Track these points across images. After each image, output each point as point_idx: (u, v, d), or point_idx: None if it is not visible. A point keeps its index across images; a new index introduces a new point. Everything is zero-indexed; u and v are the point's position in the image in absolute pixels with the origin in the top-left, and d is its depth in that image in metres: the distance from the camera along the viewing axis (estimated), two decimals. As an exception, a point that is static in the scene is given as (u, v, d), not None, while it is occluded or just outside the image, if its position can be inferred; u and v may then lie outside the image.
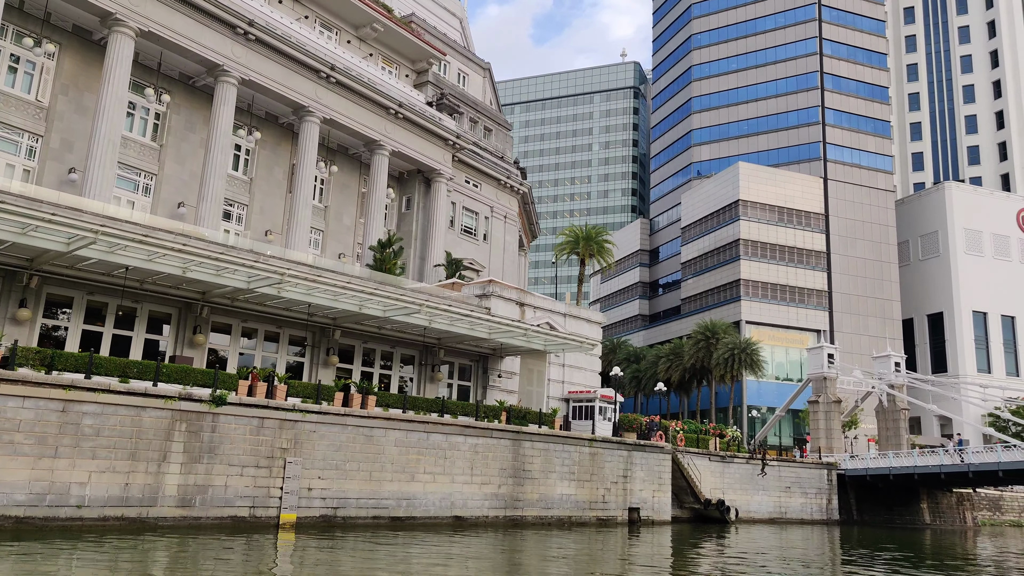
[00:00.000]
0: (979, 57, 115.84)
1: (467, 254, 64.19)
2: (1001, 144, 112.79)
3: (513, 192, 70.64)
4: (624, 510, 41.42)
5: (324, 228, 54.86)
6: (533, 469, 37.19)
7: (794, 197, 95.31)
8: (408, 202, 61.23)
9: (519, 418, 39.87)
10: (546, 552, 27.72)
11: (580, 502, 39.16)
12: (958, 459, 50.69)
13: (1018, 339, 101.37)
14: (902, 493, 60.49)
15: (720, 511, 47.53)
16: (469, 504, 34.05)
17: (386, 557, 22.95)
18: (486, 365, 45.58)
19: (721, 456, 51.56)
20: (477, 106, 70.77)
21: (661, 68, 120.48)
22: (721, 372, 76.65)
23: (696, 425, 58.47)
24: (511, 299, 47.07)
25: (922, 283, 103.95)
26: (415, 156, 57.10)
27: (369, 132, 53.08)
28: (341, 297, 32.97)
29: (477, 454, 34.77)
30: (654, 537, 36.60)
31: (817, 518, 55.90)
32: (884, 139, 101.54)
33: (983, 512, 75.65)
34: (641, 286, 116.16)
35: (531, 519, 36.46)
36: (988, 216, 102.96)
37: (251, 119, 49.00)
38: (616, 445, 41.76)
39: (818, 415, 63.15)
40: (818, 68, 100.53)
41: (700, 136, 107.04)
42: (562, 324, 50.23)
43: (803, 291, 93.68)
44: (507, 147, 74.71)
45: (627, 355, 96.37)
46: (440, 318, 36.63)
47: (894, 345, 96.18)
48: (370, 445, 30.83)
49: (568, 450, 39.13)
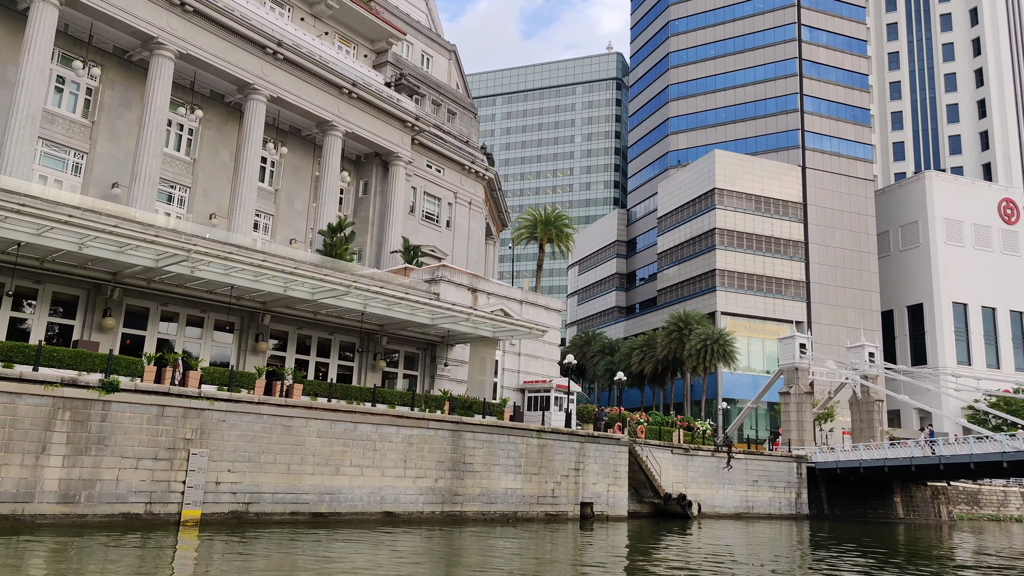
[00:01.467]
0: (961, 45, 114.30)
1: (428, 241, 61.99)
2: (983, 133, 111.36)
3: (478, 178, 68.40)
4: (576, 505, 39.38)
5: (274, 212, 52.56)
6: (475, 462, 35.08)
7: (771, 186, 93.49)
8: (365, 186, 58.96)
9: (465, 408, 37.78)
10: (487, 550, 25.65)
11: (527, 497, 37.09)
12: (929, 451, 48.93)
13: (999, 331, 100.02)
14: (875, 487, 58.80)
15: (681, 506, 45.58)
16: (402, 499, 31.91)
17: (306, 556, 20.86)
18: (434, 354, 43.44)
19: (684, 449, 49.62)
20: (440, 88, 68.48)
21: (639, 55, 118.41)
22: (693, 363, 74.76)
23: (662, 417, 56.49)
24: (462, 284, 44.96)
25: (902, 274, 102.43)
26: (371, 138, 54.87)
27: (321, 112, 50.78)
28: (263, 278, 30.73)
29: (411, 446, 32.62)
30: (608, 534, 34.58)
31: (786, 513, 54.08)
32: (864, 127, 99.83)
33: (960, 506, 74.13)
34: (618, 277, 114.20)
35: (472, 515, 34.36)
36: (969, 206, 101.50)
37: (193, 97, 46.63)
38: (567, 437, 39.71)
39: (789, 407, 61.33)
40: (797, 55, 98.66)
41: (677, 124, 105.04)
42: (518, 311, 48.16)
43: (780, 281, 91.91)
44: (473, 131, 72.46)
45: (601, 347, 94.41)
46: (376, 302, 34.45)
47: (873, 337, 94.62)
48: (289, 436, 28.62)
49: (515, 442, 37.04)
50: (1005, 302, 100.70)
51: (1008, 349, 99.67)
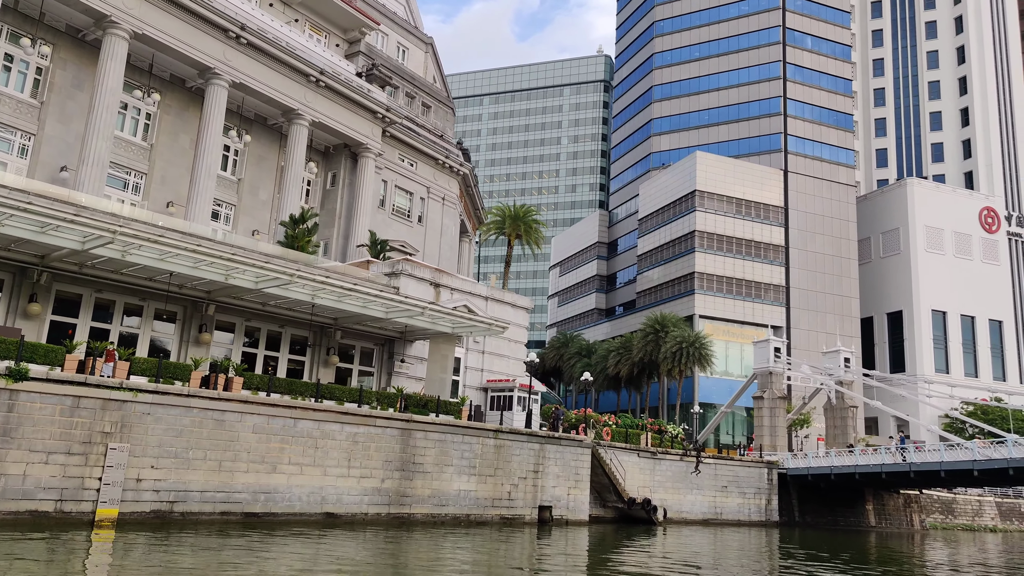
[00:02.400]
0: (945, 53, 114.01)
1: (399, 236, 60.58)
2: (965, 141, 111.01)
3: (453, 173, 67.05)
4: (533, 508, 38.02)
5: (237, 202, 51.02)
6: (426, 462, 33.65)
7: (753, 189, 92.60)
8: (333, 178, 57.53)
9: (419, 407, 36.36)
10: (435, 556, 24.24)
11: (481, 499, 35.69)
12: (900, 458, 47.89)
13: (977, 340, 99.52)
14: (846, 494, 57.77)
15: (646, 511, 44.30)
16: (344, 499, 30.44)
17: (231, 559, 19.43)
18: (392, 350, 42.01)
19: (652, 452, 48.36)
20: (415, 80, 67.11)
21: (624, 56, 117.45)
22: (669, 366, 73.61)
23: (632, 420, 55.26)
24: (424, 279, 43.57)
25: (882, 281, 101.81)
26: (339, 129, 53.47)
27: (286, 100, 49.32)
28: (202, 264, 29.21)
29: (357, 444, 31.16)
30: (566, 539, 33.26)
31: (755, 519, 52.92)
32: (846, 132, 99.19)
33: (935, 515, 73.28)
34: (598, 279, 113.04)
35: (421, 517, 32.93)
36: (950, 214, 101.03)
37: (151, 80, 45.06)
38: (526, 437, 38.35)
39: (763, 411, 60.22)
40: (781, 58, 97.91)
41: (660, 126, 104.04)
42: (483, 308, 46.80)
43: (760, 286, 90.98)
44: (448, 125, 71.12)
45: (579, 349, 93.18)
46: (325, 293, 32.98)
47: (852, 343, 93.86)
48: (221, 431, 27.11)
49: (469, 442, 35.64)
50: (984, 311, 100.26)
51: (986, 358, 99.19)
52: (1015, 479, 45.90)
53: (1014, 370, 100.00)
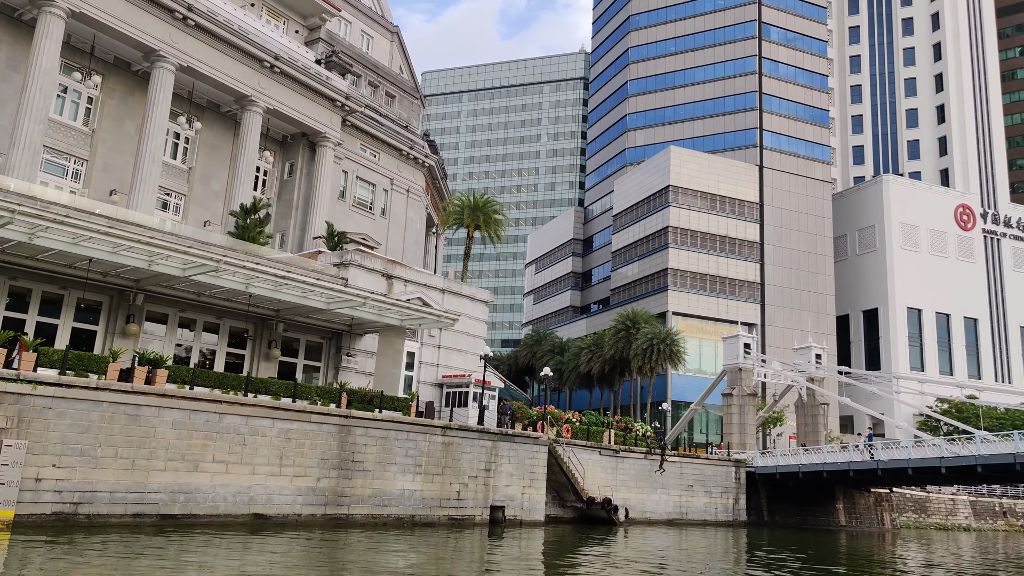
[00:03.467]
0: (922, 50, 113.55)
1: (360, 229, 58.79)
2: (941, 139, 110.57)
3: (418, 164, 65.32)
4: (485, 508, 36.40)
5: (187, 192, 49.15)
6: (366, 460, 31.95)
7: (728, 185, 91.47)
8: (291, 168, 55.73)
9: (364, 402, 34.68)
10: (370, 559, 22.56)
11: (428, 499, 34.03)
12: (868, 456, 46.71)
13: (952, 337, 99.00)
14: (816, 493, 56.59)
15: (607, 511, 42.80)
16: (275, 500, 28.69)
17: (145, 566, 17.69)
18: (339, 344, 40.24)
19: (614, 450, 46.87)
20: (379, 69, 65.36)
21: (600, 51, 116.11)
22: (639, 363, 72.23)
23: (597, 417, 53.77)
24: (375, 270, 41.87)
25: (859, 278, 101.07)
26: (296, 116, 51.72)
27: (238, 86, 47.49)
28: (121, 249, 27.36)
29: (289, 441, 29.42)
30: (519, 541, 31.70)
31: (722, 519, 51.58)
32: (822, 128, 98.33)
33: (908, 514, 72.36)
34: (573, 276, 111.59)
35: (360, 518, 31.22)
36: (926, 211, 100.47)
37: (91, 62, 43.16)
38: (478, 434, 36.73)
39: (732, 409, 58.94)
40: (756, 53, 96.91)
41: (635, 121, 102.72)
42: (439, 301, 45.14)
43: (734, 282, 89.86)
44: (414, 116, 69.38)
45: (552, 346, 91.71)
46: (260, 282, 31.19)
47: (827, 341, 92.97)
48: (135, 427, 25.30)
49: (415, 439, 33.98)
50: (959, 308, 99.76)
51: (961, 356, 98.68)
52: (983, 476, 44.87)
53: (989, 368, 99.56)
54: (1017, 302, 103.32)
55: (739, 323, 70.15)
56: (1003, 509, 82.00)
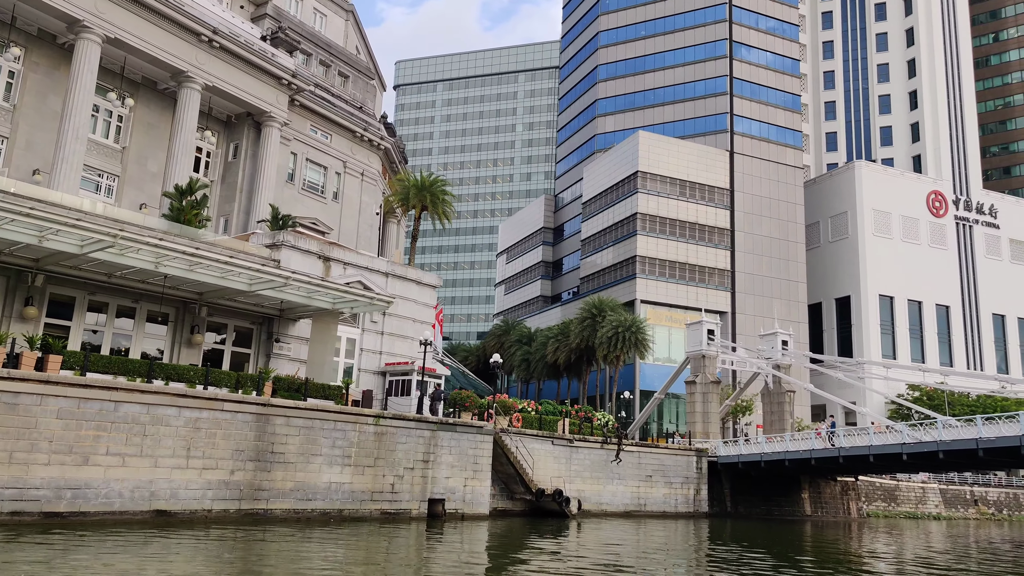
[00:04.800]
0: (894, 35, 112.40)
1: (310, 213, 56.51)
2: (914, 125, 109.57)
3: (373, 147, 63.03)
4: (422, 502, 34.37)
5: (121, 173, 46.70)
6: (288, 451, 29.79)
7: (698, 170, 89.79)
8: (236, 150, 53.30)
9: (293, 391, 32.54)
10: (282, 560, 20.42)
11: (358, 492, 31.94)
12: (829, 443, 45.16)
13: (924, 325, 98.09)
14: (782, 482, 55.10)
15: (558, 503, 40.91)
16: (181, 495, 26.49)
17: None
18: (271, 329, 38.00)
19: (568, 440, 44.98)
20: (331, 48, 62.96)
21: (571, 35, 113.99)
22: (604, 351, 70.41)
23: (554, 406, 51.87)
24: (311, 251, 39.67)
25: (831, 266, 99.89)
26: (239, 95, 49.36)
27: (173, 61, 45.03)
28: (5, 224, 24.99)
29: (198, 431, 27.20)
30: (460, 536, 29.73)
31: (683, 511, 49.88)
32: (794, 113, 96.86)
33: (877, 503, 71.20)
34: (544, 266, 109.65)
35: (280, 513, 29.09)
36: (898, 198, 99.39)
37: (11, 33, 40.62)
38: (415, 424, 34.66)
39: (695, 397, 57.27)
40: (727, 36, 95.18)
41: (605, 107, 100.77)
42: (382, 285, 43.02)
43: (704, 270, 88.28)
44: (369, 97, 67.03)
45: (520, 337, 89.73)
46: (172, 261, 28.90)
47: (799, 329, 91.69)
48: (12, 416, 23.01)
49: (344, 429, 31.86)
50: (931, 296, 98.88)
51: (933, 343, 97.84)
52: (946, 463, 43.47)
53: (961, 355, 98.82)
54: (989, 289, 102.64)
55: (703, 311, 68.40)
56: (974, 497, 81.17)
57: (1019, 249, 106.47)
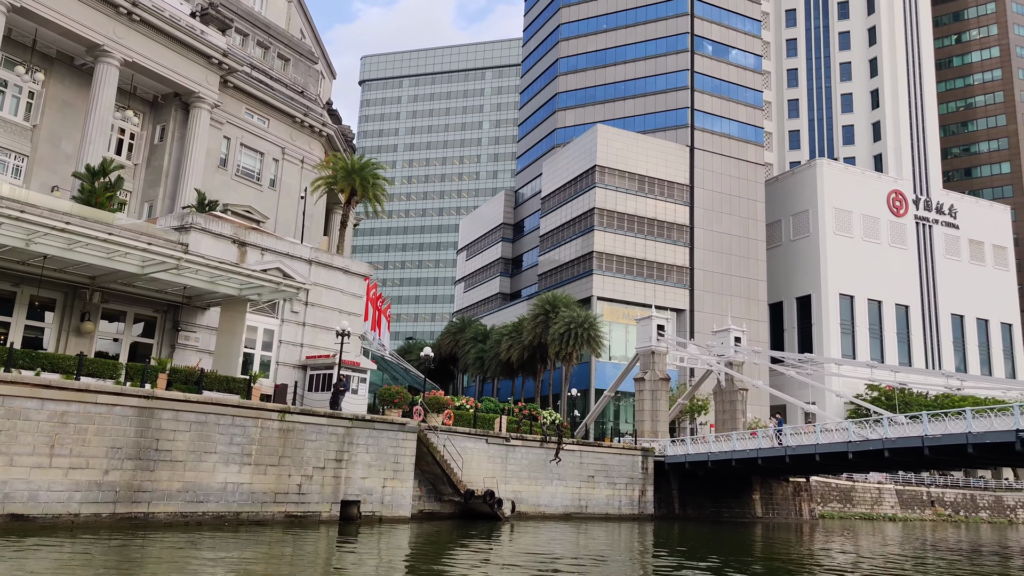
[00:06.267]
0: (857, 34, 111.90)
1: (244, 200, 53.76)
2: (875, 124, 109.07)
3: (315, 133, 60.41)
4: (334, 504, 31.89)
5: (31, 153, 43.70)
6: (176, 449, 27.16)
7: (657, 165, 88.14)
8: (162, 132, 50.39)
9: (192, 383, 29.89)
10: (168, 571, 17.84)
11: (259, 493, 29.38)
12: (777, 442, 43.40)
13: (884, 324, 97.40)
14: (732, 483, 53.33)
15: (489, 505, 38.62)
16: (42, 497, 23.77)
17: None
18: (177, 318, 35.28)
19: (505, 439, 42.72)
20: (270, 29, 60.21)
21: (532, 28, 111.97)
22: (557, 348, 68.30)
23: (495, 403, 49.62)
24: (224, 235, 37.01)
25: (792, 264, 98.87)
26: (164, 73, 46.50)
27: (88, 33, 42.12)
28: None
29: (66, 426, 24.50)
30: (375, 541, 27.37)
31: (627, 513, 47.82)
32: (755, 109, 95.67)
33: (833, 503, 69.91)
34: (503, 262, 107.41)
35: (165, 517, 26.45)
36: (859, 196, 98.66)
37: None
38: (326, 420, 32.17)
39: (644, 395, 55.34)
40: (689, 30, 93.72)
41: (566, 100, 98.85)
42: (305, 272, 40.48)
43: (663, 267, 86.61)
44: (312, 82, 64.25)
45: (475, 334, 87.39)
46: (46, 238, 26.17)
47: (760, 328, 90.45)
48: None
49: (244, 424, 29.28)
50: (891, 295, 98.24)
51: (892, 343, 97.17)
52: (892, 462, 41.91)
53: (920, 355, 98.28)
54: (948, 289, 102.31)
55: (654, 307, 66.55)
56: (931, 498, 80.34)
57: (978, 250, 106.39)
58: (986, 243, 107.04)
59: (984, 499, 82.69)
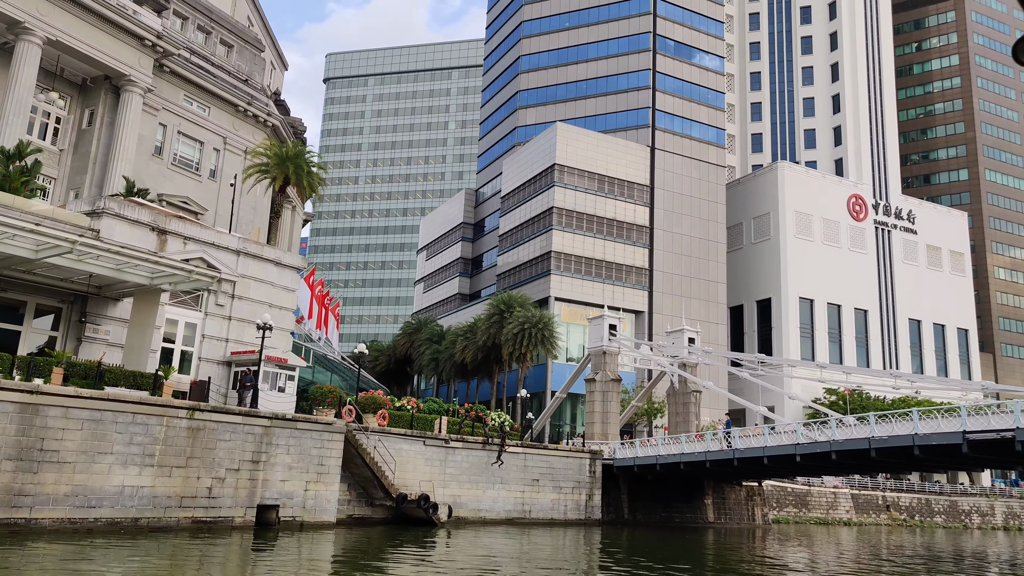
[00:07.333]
0: (819, 38, 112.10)
1: (181, 191, 51.37)
2: (836, 128, 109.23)
3: (259, 123, 58.17)
4: (250, 508, 29.77)
5: (-58, 135, 40.76)
6: (64, 449, 24.91)
7: (618, 165, 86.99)
8: (91, 116, 47.82)
9: (94, 378, 27.63)
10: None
11: (162, 498, 27.20)
12: (725, 444, 42.09)
13: (843, 328, 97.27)
14: (684, 487, 51.99)
15: (424, 509, 36.71)
16: (-98, 501, 21.44)
17: None
18: (85, 309, 32.92)
19: (444, 440, 40.85)
20: (212, 14, 57.91)
21: (494, 25, 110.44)
22: (510, 349, 66.56)
23: (440, 405, 47.72)
24: (142, 222, 34.74)
25: (753, 267, 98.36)
26: (91, 53, 44.09)
27: (8, 10, 39.63)
28: None
29: (-68, 423, 22.19)
30: (292, 550, 25.40)
31: (573, 518, 46.16)
32: (717, 111, 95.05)
33: (789, 508, 69.07)
34: (462, 262, 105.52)
35: (50, 524, 24.19)
36: (820, 200, 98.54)
37: None
38: (242, 419, 30.06)
39: (594, 396, 53.83)
40: (651, 30, 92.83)
41: (527, 99, 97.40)
42: (232, 264, 38.31)
43: (622, 268, 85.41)
44: (258, 71, 62.00)
45: (430, 335, 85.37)
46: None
47: (720, 331, 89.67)
48: None
49: (147, 423, 27.08)
50: (850, 299, 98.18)
51: (851, 347, 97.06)
52: (841, 464, 40.82)
53: (877, 359, 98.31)
54: (906, 294, 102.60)
55: (606, 307, 65.08)
56: (886, 502, 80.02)
57: (935, 255, 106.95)
58: (943, 249, 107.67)
59: (939, 503, 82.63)
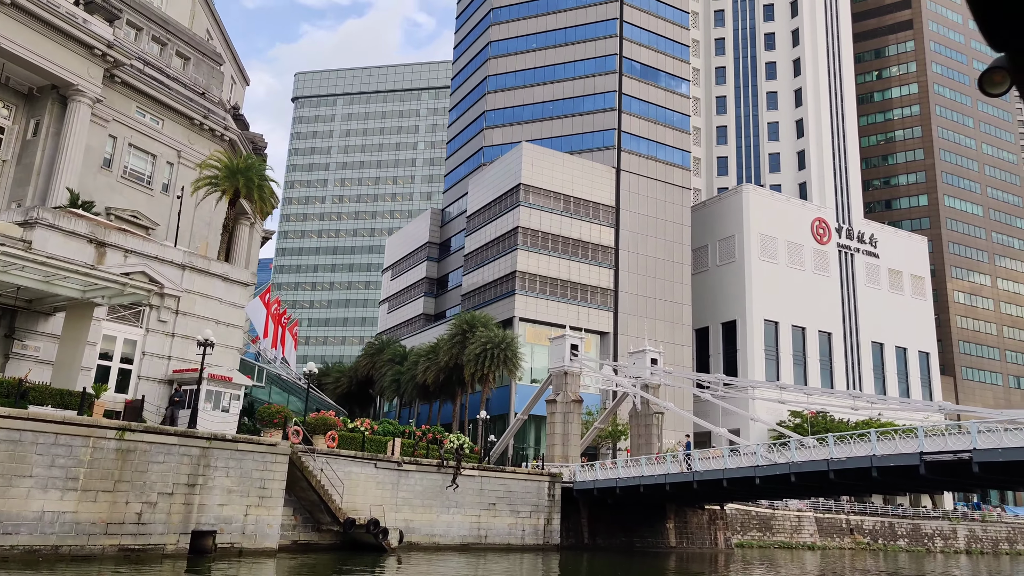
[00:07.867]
0: (783, 64, 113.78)
1: (132, 205, 49.83)
2: (800, 152, 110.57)
3: (216, 137, 56.82)
4: (184, 535, 28.20)
5: None
6: (-23, 472, 23.31)
7: (583, 186, 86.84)
8: (36, 127, 46.24)
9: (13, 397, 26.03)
10: None
11: (86, 524, 25.58)
12: (685, 467, 41.30)
13: (807, 351, 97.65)
14: (645, 511, 51.03)
15: (373, 535, 35.30)
16: None
17: None
18: (13, 324, 31.29)
19: (397, 463, 39.52)
20: (168, 24, 56.79)
21: (462, 46, 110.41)
22: (472, 369, 65.39)
23: (394, 426, 46.36)
24: (79, 233, 33.29)
25: (718, 290, 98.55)
26: (37, 62, 42.74)
27: (-55, 13, 38.06)
28: None
29: None
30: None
31: (531, 543, 44.91)
32: (683, 133, 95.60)
33: (753, 532, 68.38)
34: (427, 282, 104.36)
35: (-42, 552, 22.53)
36: (784, 223, 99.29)
37: None
38: (177, 440, 28.58)
39: (555, 417, 52.84)
40: (617, 52, 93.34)
41: (494, 119, 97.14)
42: (177, 279, 36.88)
43: (587, 288, 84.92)
44: (216, 84, 60.80)
45: (392, 355, 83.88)
46: None
47: (685, 353, 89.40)
48: None
49: (71, 444, 25.53)
50: (814, 322, 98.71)
51: (816, 369, 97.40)
52: (800, 487, 40.27)
53: (841, 382, 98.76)
54: (868, 317, 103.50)
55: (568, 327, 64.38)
56: (850, 526, 79.76)
57: (897, 279, 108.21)
58: (905, 273, 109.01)
59: (902, 527, 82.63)
